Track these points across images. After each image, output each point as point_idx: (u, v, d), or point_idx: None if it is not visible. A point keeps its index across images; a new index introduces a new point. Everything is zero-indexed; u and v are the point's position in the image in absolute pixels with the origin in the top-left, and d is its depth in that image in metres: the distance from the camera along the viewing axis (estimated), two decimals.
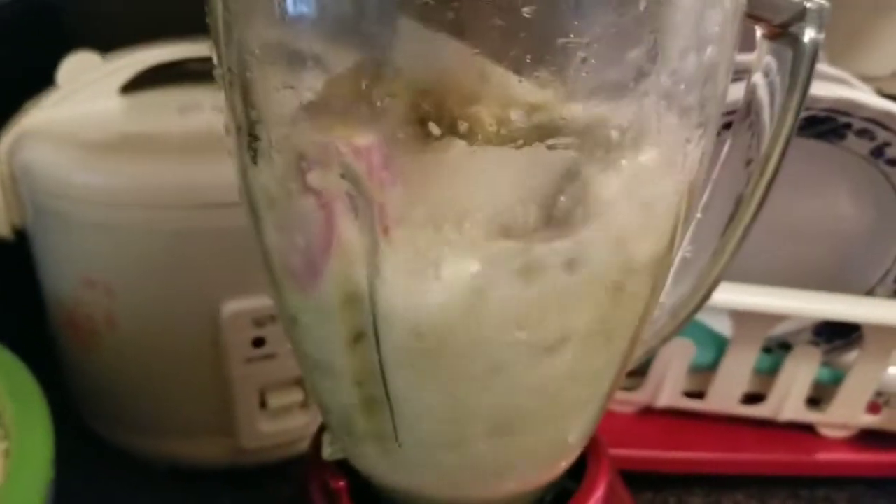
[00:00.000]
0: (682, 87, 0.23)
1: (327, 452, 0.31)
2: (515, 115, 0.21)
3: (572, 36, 0.20)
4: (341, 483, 0.30)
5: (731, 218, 0.28)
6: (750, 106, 0.28)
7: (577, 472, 0.31)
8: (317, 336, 0.27)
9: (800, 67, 0.25)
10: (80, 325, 0.46)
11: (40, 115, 0.46)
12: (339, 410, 0.28)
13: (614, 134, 0.22)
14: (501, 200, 0.22)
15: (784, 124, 0.26)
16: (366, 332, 0.24)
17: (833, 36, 0.26)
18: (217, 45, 0.25)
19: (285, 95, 0.23)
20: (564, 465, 0.30)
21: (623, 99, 0.22)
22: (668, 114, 0.23)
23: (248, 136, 0.24)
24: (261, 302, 0.43)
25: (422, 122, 0.21)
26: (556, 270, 0.23)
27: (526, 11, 0.20)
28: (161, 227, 0.42)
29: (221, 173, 0.40)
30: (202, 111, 0.47)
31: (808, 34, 0.25)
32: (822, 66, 0.47)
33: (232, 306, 0.43)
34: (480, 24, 0.20)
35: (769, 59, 0.27)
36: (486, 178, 0.22)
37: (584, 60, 0.21)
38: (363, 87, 0.21)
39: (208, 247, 0.42)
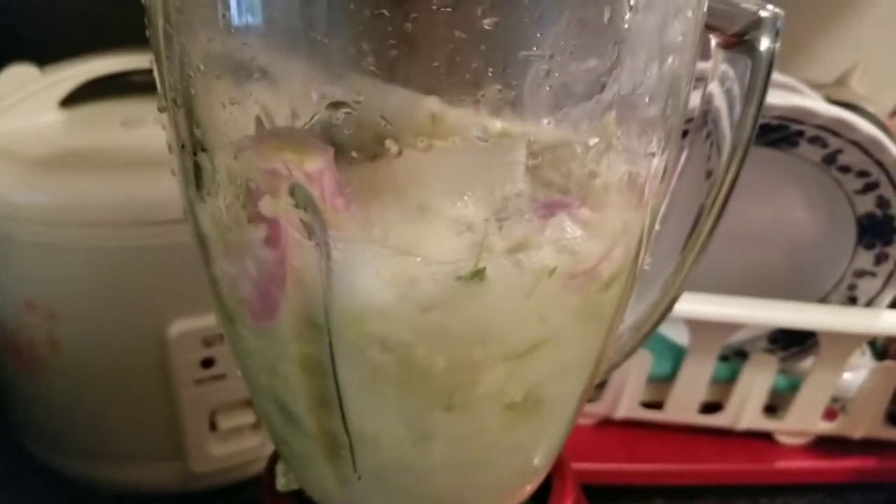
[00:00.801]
0: (646, 99, 0.23)
1: (281, 483, 0.31)
2: (476, 132, 0.21)
3: (535, 48, 0.20)
4: None
5: (693, 229, 0.28)
6: (706, 115, 0.28)
7: (542, 493, 0.31)
8: (270, 366, 0.25)
9: (757, 76, 0.25)
10: (21, 349, 0.44)
11: None
12: (295, 441, 0.27)
13: (578, 149, 0.22)
14: (461, 201, 0.21)
15: (743, 133, 0.26)
16: (322, 359, 0.23)
17: (782, 38, 0.26)
18: (158, 59, 0.24)
19: (231, 112, 0.22)
20: (530, 489, 0.29)
21: (586, 113, 0.21)
22: (632, 127, 0.23)
23: (193, 155, 0.24)
24: (210, 321, 0.42)
25: (378, 140, 0.20)
26: (516, 283, 0.22)
27: (486, 24, 0.19)
28: (104, 246, 0.40)
29: (166, 189, 0.39)
30: (145, 125, 0.45)
31: (764, 43, 0.24)
32: (777, 75, 0.47)
33: (179, 326, 0.42)
34: (440, 36, 0.20)
35: (725, 68, 0.27)
36: (444, 179, 0.21)
37: (546, 73, 0.20)
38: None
39: (154, 265, 0.41)
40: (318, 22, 0.20)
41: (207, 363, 0.43)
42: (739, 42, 0.25)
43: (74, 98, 0.47)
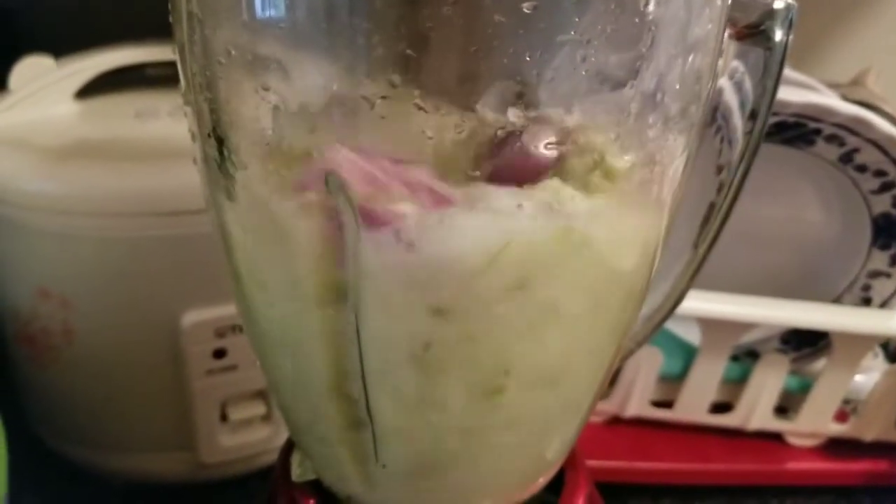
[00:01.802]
0: (669, 94, 0.23)
1: (297, 473, 0.30)
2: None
3: (573, 33, 0.20)
4: (311, 501, 0.29)
5: (704, 224, 0.28)
6: (716, 110, 0.28)
7: (556, 485, 0.31)
8: (293, 350, 0.25)
9: (770, 68, 0.25)
10: (35, 338, 0.44)
11: None
12: (315, 430, 0.27)
13: (601, 139, 0.22)
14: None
15: (755, 127, 0.26)
16: (348, 335, 0.23)
17: (795, 42, 0.25)
18: (181, 48, 0.24)
19: (257, 101, 0.22)
20: (543, 481, 0.29)
21: (616, 103, 0.22)
22: (655, 121, 0.23)
23: (217, 143, 0.23)
24: (222, 312, 0.42)
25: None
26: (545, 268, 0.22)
27: (526, 7, 0.19)
28: (118, 236, 0.40)
29: (180, 180, 0.40)
30: (159, 117, 0.46)
31: (778, 34, 0.24)
32: (790, 72, 0.47)
33: (192, 316, 0.42)
34: (478, 20, 0.20)
35: (735, 63, 0.27)
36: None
37: (583, 59, 0.20)
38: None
39: (167, 255, 0.41)
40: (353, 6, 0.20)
41: (219, 354, 0.43)
42: (753, 34, 0.25)
43: (89, 90, 0.47)
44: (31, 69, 0.46)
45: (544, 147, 0.21)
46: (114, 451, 0.46)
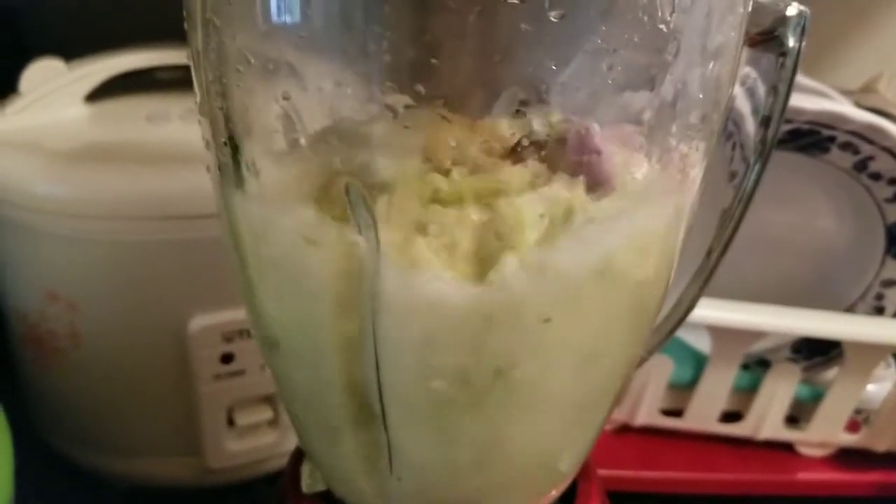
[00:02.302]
0: (689, 103, 0.22)
1: (307, 484, 0.30)
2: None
3: (599, 41, 0.20)
4: None
5: (718, 231, 0.28)
6: (728, 117, 0.27)
7: (569, 496, 0.31)
8: (307, 361, 0.25)
9: (783, 74, 0.25)
10: (42, 340, 0.44)
11: (2, 123, 0.44)
12: (328, 442, 0.27)
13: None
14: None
15: (768, 134, 0.26)
16: (365, 345, 0.23)
17: (806, 48, 0.25)
18: (196, 56, 0.24)
19: (275, 110, 0.22)
20: (556, 493, 0.29)
21: (635, 112, 0.22)
22: (676, 129, 0.23)
23: (231, 150, 0.23)
24: (230, 316, 0.42)
25: None
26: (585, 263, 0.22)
27: (553, 16, 0.19)
28: (127, 239, 0.40)
29: (190, 184, 0.40)
30: (171, 121, 0.45)
31: (791, 40, 0.24)
32: (803, 79, 0.46)
33: (200, 321, 0.42)
34: (505, 27, 0.20)
35: (747, 69, 0.26)
36: None
37: (609, 67, 0.20)
38: None
39: (176, 259, 0.41)
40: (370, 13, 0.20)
41: (227, 359, 0.43)
42: (765, 40, 0.25)
43: (100, 93, 0.47)
44: (42, 72, 0.46)
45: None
46: (119, 454, 0.46)
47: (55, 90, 0.46)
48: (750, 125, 0.28)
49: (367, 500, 0.27)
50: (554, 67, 0.20)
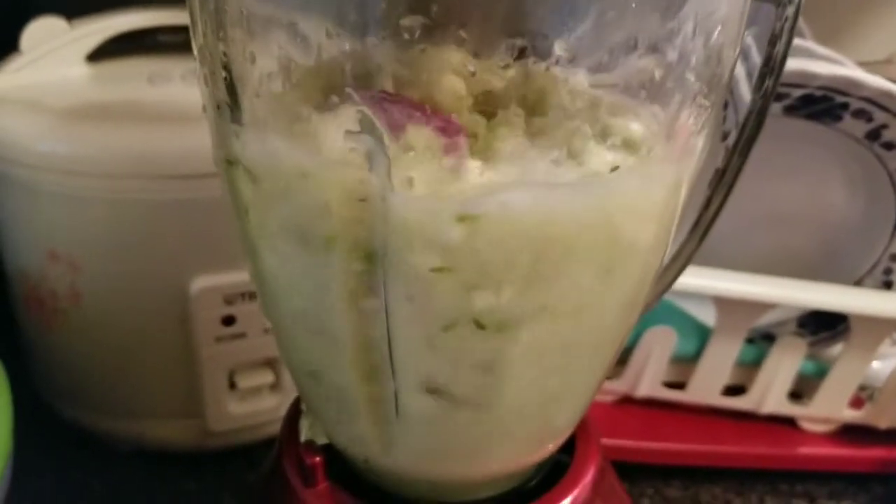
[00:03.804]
0: (695, 65, 0.22)
1: (306, 437, 0.30)
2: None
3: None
4: (317, 459, 0.29)
5: (712, 190, 0.27)
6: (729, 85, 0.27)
7: (569, 447, 0.31)
8: (315, 315, 0.25)
9: (784, 24, 0.24)
10: (43, 301, 0.44)
11: (3, 80, 0.44)
12: (333, 391, 0.27)
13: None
14: None
15: (764, 90, 0.25)
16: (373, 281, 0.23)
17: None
18: (192, 11, 0.24)
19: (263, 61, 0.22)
20: (552, 447, 0.29)
21: (641, 71, 0.21)
22: (680, 93, 0.22)
23: (231, 109, 0.23)
24: (232, 279, 0.42)
25: None
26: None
27: None
28: (128, 198, 0.40)
29: (192, 144, 0.39)
30: (172, 81, 0.45)
31: None
32: (817, 47, 0.46)
33: (202, 282, 0.41)
34: None
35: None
36: None
37: (618, 22, 0.20)
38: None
39: (178, 219, 0.41)
40: None
41: (228, 321, 0.43)
42: None
43: (102, 54, 0.47)
44: (43, 30, 0.46)
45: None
46: (120, 416, 0.46)
47: (56, 49, 0.46)
48: (744, 88, 0.27)
49: (372, 449, 0.27)
50: (561, 21, 0.20)
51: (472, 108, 0.22)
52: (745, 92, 0.27)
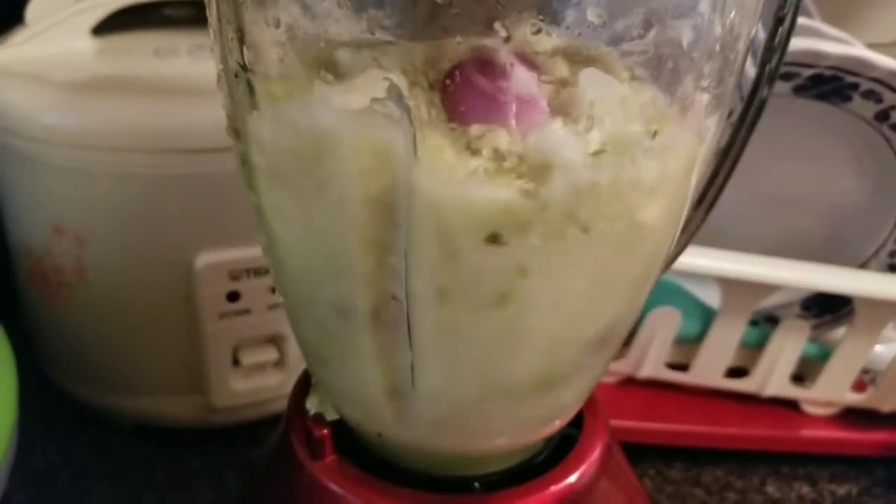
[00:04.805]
0: (708, 49, 0.22)
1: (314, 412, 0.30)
2: None
3: None
4: (325, 431, 0.29)
5: (717, 166, 0.27)
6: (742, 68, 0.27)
7: (577, 422, 0.31)
8: (332, 284, 0.25)
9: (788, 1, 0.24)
10: (48, 275, 0.44)
11: (8, 53, 0.44)
12: (348, 363, 0.27)
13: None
14: None
15: (771, 62, 0.25)
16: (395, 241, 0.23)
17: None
18: None
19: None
20: (559, 423, 0.29)
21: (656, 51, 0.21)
22: (691, 77, 0.22)
23: (246, 77, 0.23)
24: (237, 255, 0.42)
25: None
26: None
27: None
28: (134, 172, 0.40)
29: (198, 118, 0.39)
30: (179, 55, 0.45)
31: None
32: (827, 27, 0.45)
33: (206, 258, 0.41)
34: None
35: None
36: None
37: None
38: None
39: (183, 194, 0.40)
40: None
41: (233, 297, 0.43)
42: None
43: (106, 27, 0.46)
44: (48, 3, 0.45)
45: None
46: (124, 391, 0.46)
47: (61, 22, 0.45)
48: (748, 64, 0.28)
49: (385, 424, 0.27)
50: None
51: None
52: (750, 68, 0.27)
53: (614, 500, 0.31)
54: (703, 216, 0.30)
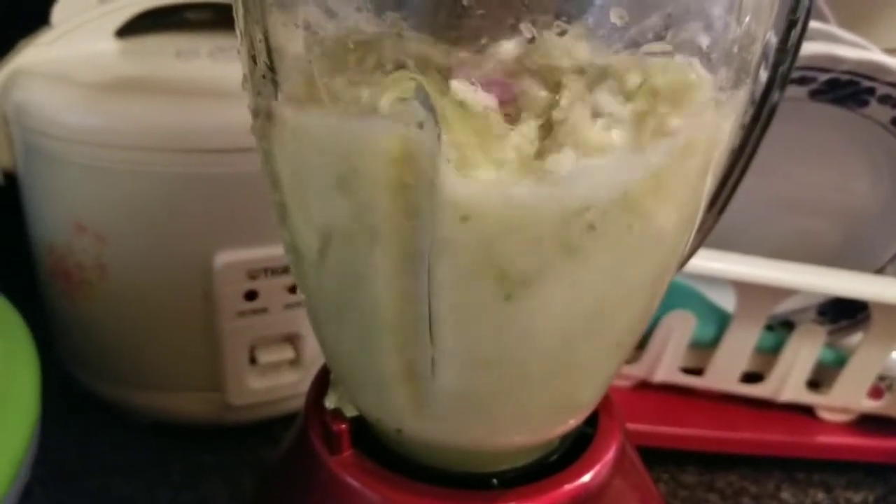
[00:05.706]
0: (724, 53, 0.22)
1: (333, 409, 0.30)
2: None
3: None
4: (343, 426, 0.29)
5: (729, 170, 0.28)
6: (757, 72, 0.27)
7: (592, 421, 0.31)
8: (354, 281, 0.25)
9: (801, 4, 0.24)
10: (69, 272, 0.44)
11: (34, 53, 0.44)
12: (370, 357, 0.27)
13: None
14: None
15: (783, 65, 0.25)
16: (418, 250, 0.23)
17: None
18: None
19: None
20: (574, 422, 0.29)
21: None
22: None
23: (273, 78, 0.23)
24: (255, 254, 0.42)
25: None
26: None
27: None
28: (156, 171, 0.40)
29: (219, 118, 0.40)
30: (200, 57, 0.45)
31: None
32: (842, 32, 0.45)
33: (225, 257, 0.42)
34: None
35: None
36: None
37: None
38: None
39: (204, 194, 0.41)
40: None
41: (251, 296, 0.43)
42: None
43: (130, 30, 0.47)
44: (73, 5, 0.46)
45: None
46: (142, 388, 0.47)
47: (86, 23, 0.46)
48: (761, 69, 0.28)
49: (405, 419, 0.27)
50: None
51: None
52: (762, 71, 0.27)
53: (628, 500, 0.31)
54: (715, 218, 0.30)
